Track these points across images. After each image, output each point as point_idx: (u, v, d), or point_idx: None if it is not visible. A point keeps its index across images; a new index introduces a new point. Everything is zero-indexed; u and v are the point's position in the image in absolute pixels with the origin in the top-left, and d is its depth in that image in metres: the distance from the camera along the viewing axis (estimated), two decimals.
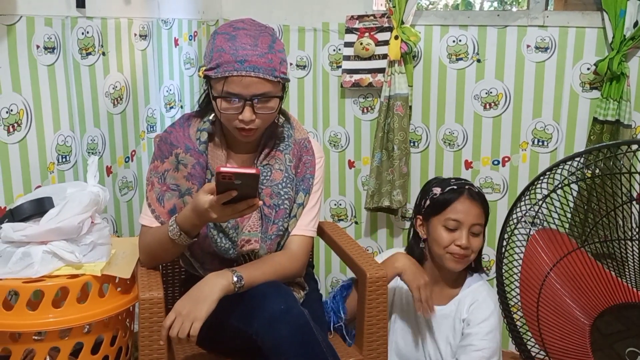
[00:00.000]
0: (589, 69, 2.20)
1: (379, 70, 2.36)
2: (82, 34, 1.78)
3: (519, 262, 1.73)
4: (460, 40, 2.31)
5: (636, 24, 2.04)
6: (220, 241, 1.49)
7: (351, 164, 2.55)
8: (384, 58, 2.34)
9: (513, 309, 1.78)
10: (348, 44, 2.40)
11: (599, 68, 2.11)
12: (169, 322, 1.31)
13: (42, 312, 1.40)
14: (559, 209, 1.61)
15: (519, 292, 1.72)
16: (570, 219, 1.64)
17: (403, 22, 2.28)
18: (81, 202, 1.47)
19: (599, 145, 1.61)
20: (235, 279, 1.35)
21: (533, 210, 1.65)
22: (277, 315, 1.30)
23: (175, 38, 2.24)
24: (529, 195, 1.67)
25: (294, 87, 2.51)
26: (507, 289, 1.76)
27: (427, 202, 1.81)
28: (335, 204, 2.60)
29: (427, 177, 2.40)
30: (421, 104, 2.40)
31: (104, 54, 1.88)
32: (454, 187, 1.77)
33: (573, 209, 1.62)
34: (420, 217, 1.83)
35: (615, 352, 1.54)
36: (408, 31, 2.28)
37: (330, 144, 2.55)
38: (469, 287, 1.79)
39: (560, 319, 1.61)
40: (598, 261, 1.55)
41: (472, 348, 1.70)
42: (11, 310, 1.40)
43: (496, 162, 2.38)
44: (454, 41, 2.32)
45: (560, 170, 1.59)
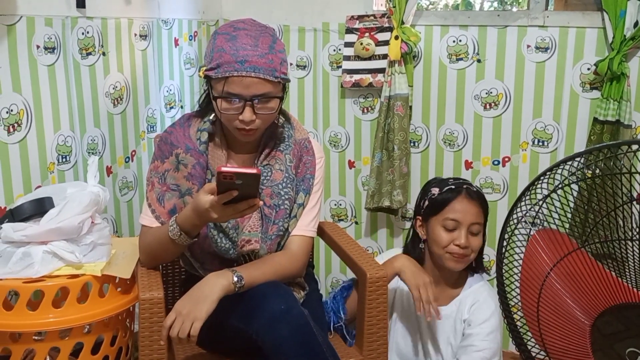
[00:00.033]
0: (589, 69, 2.20)
1: (379, 71, 2.36)
2: (82, 34, 1.78)
3: (519, 262, 1.73)
4: (460, 41, 2.31)
5: (636, 24, 2.04)
6: (220, 241, 1.48)
7: (351, 164, 2.55)
8: (384, 58, 2.34)
9: (513, 309, 1.78)
10: (348, 44, 2.40)
11: (599, 68, 2.11)
12: (169, 322, 1.31)
13: (42, 312, 1.40)
14: (559, 209, 1.61)
15: (519, 292, 1.72)
16: (571, 219, 1.64)
17: (403, 22, 2.28)
18: (81, 202, 1.47)
19: (600, 145, 1.61)
20: (235, 279, 1.35)
21: (533, 210, 1.65)
22: (277, 315, 1.30)
23: (175, 38, 2.24)
24: (529, 196, 1.67)
25: (294, 87, 2.51)
26: (508, 289, 1.76)
27: (425, 202, 1.81)
28: (336, 204, 2.60)
29: (428, 177, 2.40)
30: (421, 104, 2.40)
31: (104, 54, 1.88)
32: (452, 187, 1.77)
33: (573, 209, 1.62)
34: (420, 217, 1.83)
35: (616, 352, 1.54)
36: (408, 31, 2.28)
37: (330, 144, 2.55)
38: (470, 288, 1.79)
39: (560, 319, 1.61)
40: (598, 261, 1.55)
41: (473, 348, 1.70)
42: (11, 311, 1.40)
43: (496, 162, 2.38)
44: (454, 41, 2.32)
45: (561, 170, 1.59)
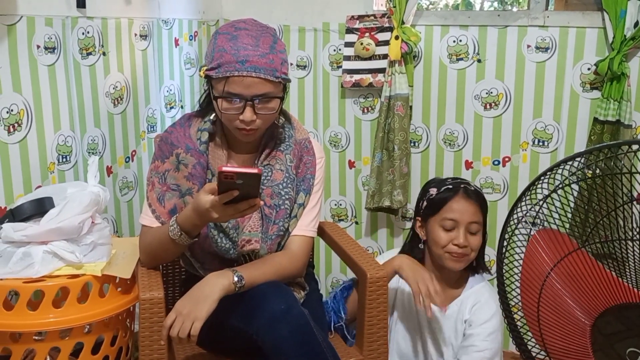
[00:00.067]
0: (589, 69, 2.20)
1: (380, 71, 2.36)
2: (83, 34, 1.78)
3: (520, 262, 1.72)
4: (460, 41, 2.31)
5: (636, 24, 2.04)
6: (220, 241, 1.48)
7: (351, 164, 2.55)
8: (384, 58, 2.34)
9: (514, 309, 1.78)
10: (348, 44, 2.40)
11: (599, 68, 2.11)
12: (169, 321, 1.31)
13: (43, 312, 1.40)
14: (560, 209, 1.61)
15: (519, 292, 1.72)
16: (571, 219, 1.64)
17: (403, 22, 2.28)
18: (81, 202, 1.47)
19: (600, 145, 1.61)
20: (235, 278, 1.35)
21: (534, 210, 1.65)
22: (278, 315, 1.30)
23: (175, 38, 2.24)
24: (529, 196, 1.67)
25: (294, 87, 2.51)
26: (508, 289, 1.76)
27: (424, 203, 1.81)
28: (336, 204, 2.60)
29: (428, 177, 2.40)
30: (421, 104, 2.40)
31: (104, 54, 1.88)
32: (450, 187, 1.77)
33: (574, 209, 1.62)
34: (419, 218, 1.83)
35: (616, 353, 1.53)
36: (408, 31, 2.28)
37: (330, 144, 2.55)
38: (471, 288, 1.79)
39: (560, 319, 1.61)
40: (599, 261, 1.55)
41: (473, 349, 1.70)
42: (11, 310, 1.40)
43: (496, 162, 2.38)
44: (454, 41, 2.32)
45: (561, 170, 1.59)
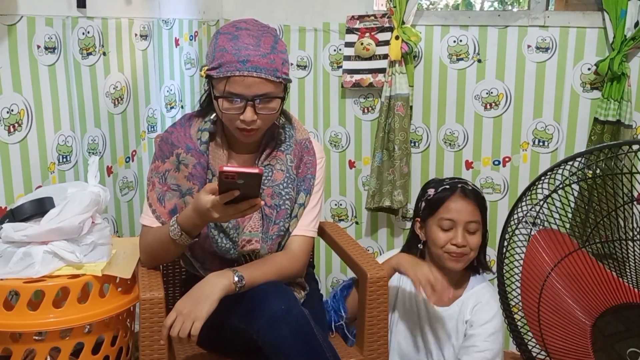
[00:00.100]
0: (589, 69, 2.19)
1: (380, 71, 2.36)
2: (83, 34, 1.78)
3: (520, 263, 1.73)
4: (460, 41, 2.31)
5: (637, 24, 2.04)
6: (221, 241, 1.48)
7: (352, 164, 2.55)
8: (384, 58, 2.34)
9: (514, 309, 1.78)
10: (349, 44, 2.39)
11: (599, 68, 2.11)
12: (169, 321, 1.31)
13: (43, 312, 1.40)
14: (560, 209, 1.61)
15: (520, 292, 1.72)
16: (571, 219, 1.64)
17: (404, 22, 2.28)
18: (82, 202, 1.47)
19: (600, 145, 1.61)
20: (236, 278, 1.35)
21: (534, 210, 1.65)
22: (278, 315, 1.30)
23: (175, 38, 2.24)
24: (529, 196, 1.67)
25: (294, 87, 2.51)
26: (508, 289, 1.76)
27: (422, 203, 1.81)
28: (336, 204, 2.60)
29: (428, 177, 2.40)
30: (422, 104, 2.40)
31: (104, 54, 1.88)
32: (447, 187, 1.77)
33: (574, 209, 1.62)
34: (419, 219, 1.83)
35: (616, 353, 1.54)
36: (409, 31, 2.28)
37: (330, 144, 2.55)
38: (472, 289, 1.79)
39: (561, 319, 1.61)
40: (599, 261, 1.55)
41: (474, 349, 1.70)
42: (12, 311, 1.40)
43: (497, 163, 2.38)
44: (454, 41, 2.32)
45: (562, 170, 1.59)
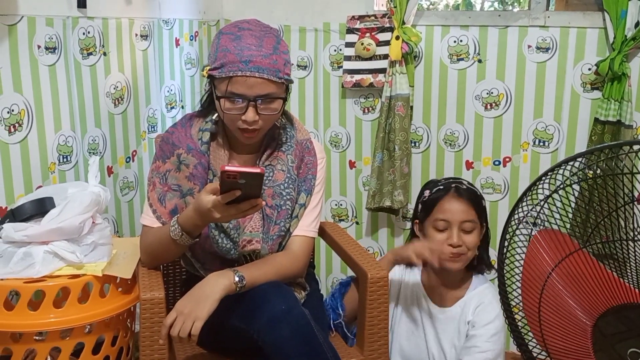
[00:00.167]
0: (590, 69, 2.19)
1: (380, 71, 2.36)
2: (83, 34, 1.78)
3: (521, 263, 1.72)
4: (461, 41, 2.31)
5: (637, 24, 2.04)
6: (221, 241, 1.48)
7: (352, 164, 2.55)
8: (385, 58, 2.34)
9: (514, 309, 1.78)
10: (349, 44, 2.39)
11: (600, 68, 2.11)
12: (169, 320, 1.30)
13: (43, 312, 1.40)
14: (561, 209, 1.61)
15: (520, 292, 1.72)
16: (572, 219, 1.64)
17: (404, 23, 2.28)
18: (82, 202, 1.47)
19: (601, 145, 1.61)
20: (237, 278, 1.35)
21: (535, 210, 1.65)
22: (278, 315, 1.30)
23: (176, 38, 2.24)
24: (530, 196, 1.67)
25: (295, 87, 2.51)
26: (509, 289, 1.76)
27: (419, 205, 1.82)
28: (336, 204, 2.60)
29: (428, 178, 2.40)
30: (422, 104, 2.40)
31: (105, 54, 1.88)
32: (440, 188, 1.76)
33: (575, 209, 1.62)
34: (417, 220, 1.83)
35: (617, 353, 1.53)
36: (409, 31, 2.28)
37: (331, 144, 2.55)
38: (474, 289, 1.78)
39: (562, 320, 1.61)
40: (600, 262, 1.55)
41: (476, 350, 1.70)
42: (12, 311, 1.40)
43: (497, 163, 2.38)
44: (455, 41, 2.32)
45: (562, 170, 1.59)
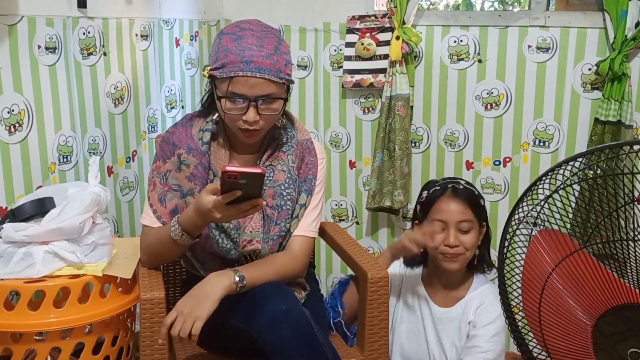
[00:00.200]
0: (590, 69, 2.20)
1: (380, 71, 2.36)
2: (84, 34, 1.78)
3: (521, 263, 1.72)
4: (461, 41, 2.31)
5: (637, 24, 2.04)
6: (222, 242, 1.48)
7: (352, 164, 2.55)
8: (385, 58, 2.34)
9: (515, 309, 1.78)
10: (349, 44, 2.39)
11: (600, 68, 2.11)
12: (169, 320, 1.30)
13: (44, 312, 1.40)
14: (561, 209, 1.61)
15: (520, 292, 1.72)
16: (572, 219, 1.64)
17: (404, 23, 2.28)
18: (82, 202, 1.47)
19: (601, 145, 1.61)
20: (237, 278, 1.35)
21: (535, 210, 1.64)
22: (279, 315, 1.30)
23: (176, 38, 2.24)
24: (530, 196, 1.67)
25: (295, 87, 2.51)
26: (509, 289, 1.76)
27: (418, 206, 1.82)
28: (337, 204, 2.60)
29: (429, 178, 2.40)
30: (422, 104, 2.40)
31: (105, 54, 1.88)
32: (437, 188, 1.76)
33: (575, 209, 1.62)
34: (417, 221, 1.83)
35: (617, 353, 1.53)
36: (409, 31, 2.28)
37: (331, 144, 2.55)
38: (476, 290, 1.79)
39: (562, 320, 1.61)
40: (600, 262, 1.55)
41: (477, 350, 1.70)
42: (12, 311, 1.40)
43: (497, 163, 2.38)
44: (455, 41, 2.32)
45: (562, 170, 1.59)
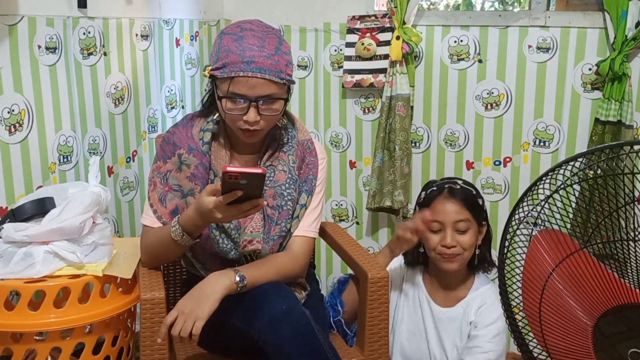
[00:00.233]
0: (590, 69, 2.20)
1: (381, 71, 2.36)
2: (84, 34, 1.78)
3: (521, 263, 1.72)
4: (461, 41, 2.31)
5: (638, 24, 2.04)
6: (222, 242, 1.48)
7: (352, 164, 2.55)
8: (385, 58, 2.34)
9: (515, 310, 1.78)
10: (349, 44, 2.39)
11: (600, 68, 2.11)
12: (170, 319, 1.30)
13: (44, 312, 1.40)
14: (561, 209, 1.61)
15: (521, 292, 1.72)
16: (573, 219, 1.64)
17: (404, 23, 2.28)
18: (82, 202, 1.47)
19: (601, 145, 1.61)
20: (237, 278, 1.35)
21: (535, 210, 1.64)
22: (279, 315, 1.30)
23: (176, 38, 2.24)
24: (531, 196, 1.67)
25: (295, 87, 2.50)
26: (509, 289, 1.76)
27: (416, 207, 1.82)
28: (337, 205, 2.60)
29: (429, 178, 2.40)
30: (422, 104, 2.40)
31: (105, 54, 1.88)
32: (434, 189, 1.76)
33: (575, 209, 1.62)
34: None
35: (618, 353, 1.53)
36: (409, 31, 2.28)
37: (331, 144, 2.55)
38: (477, 290, 1.79)
39: (562, 320, 1.61)
40: (600, 262, 1.55)
41: (478, 350, 1.70)
42: (13, 311, 1.40)
43: (497, 163, 2.38)
44: (455, 41, 2.32)
45: (563, 170, 1.59)
